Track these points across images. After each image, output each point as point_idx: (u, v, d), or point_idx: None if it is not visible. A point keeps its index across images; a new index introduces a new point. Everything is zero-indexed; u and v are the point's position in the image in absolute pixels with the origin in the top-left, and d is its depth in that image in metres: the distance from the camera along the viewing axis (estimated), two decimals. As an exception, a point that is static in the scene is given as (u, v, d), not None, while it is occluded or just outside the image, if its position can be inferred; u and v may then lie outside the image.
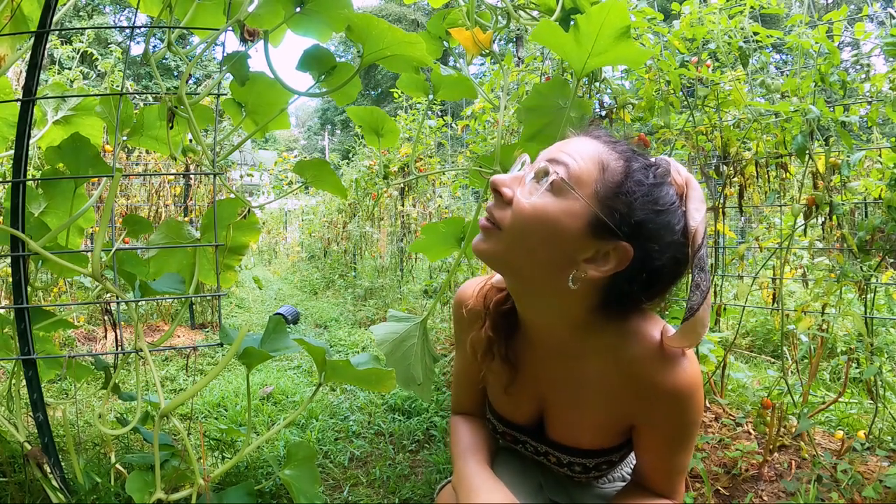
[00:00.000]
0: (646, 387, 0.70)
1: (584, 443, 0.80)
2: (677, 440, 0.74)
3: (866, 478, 1.45)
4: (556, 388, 0.80)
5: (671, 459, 0.75)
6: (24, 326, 1.20)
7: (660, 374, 0.70)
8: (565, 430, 0.81)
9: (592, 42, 0.98)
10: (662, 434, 0.74)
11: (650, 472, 0.78)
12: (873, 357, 1.51)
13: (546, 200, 0.65)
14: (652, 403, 0.71)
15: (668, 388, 0.69)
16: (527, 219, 0.66)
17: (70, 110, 1.47)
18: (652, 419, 0.73)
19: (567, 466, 0.82)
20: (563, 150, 0.68)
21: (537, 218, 0.65)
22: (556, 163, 0.67)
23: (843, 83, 1.53)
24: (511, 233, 0.67)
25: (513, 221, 0.67)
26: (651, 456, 0.77)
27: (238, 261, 1.43)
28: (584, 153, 0.67)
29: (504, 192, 0.68)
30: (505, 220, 0.67)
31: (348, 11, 1.13)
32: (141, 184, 3.87)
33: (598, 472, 0.82)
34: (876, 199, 1.73)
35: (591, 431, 0.79)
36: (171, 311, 3.61)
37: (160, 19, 1.23)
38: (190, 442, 1.13)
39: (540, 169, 0.67)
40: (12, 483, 1.29)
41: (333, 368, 1.20)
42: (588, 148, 0.68)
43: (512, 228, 0.67)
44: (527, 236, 0.66)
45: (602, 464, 0.81)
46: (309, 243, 7.85)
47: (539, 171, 0.67)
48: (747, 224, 3.59)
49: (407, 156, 3.95)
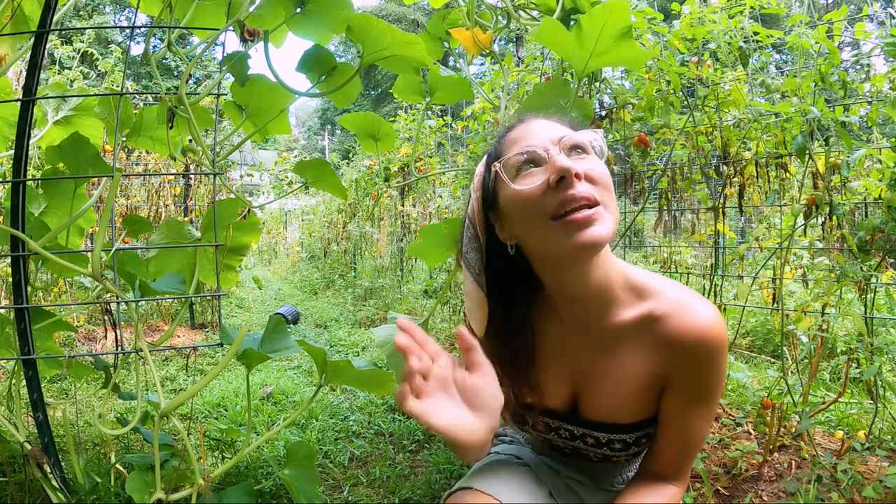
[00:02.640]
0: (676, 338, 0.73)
1: (622, 414, 0.80)
2: (698, 398, 0.75)
3: (866, 478, 1.45)
4: (592, 360, 0.80)
5: (688, 425, 0.76)
6: (24, 326, 1.20)
7: (689, 324, 0.73)
8: (603, 403, 0.80)
9: (594, 42, 0.98)
10: (685, 391, 0.75)
11: (664, 446, 0.78)
12: (873, 357, 1.51)
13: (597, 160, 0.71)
14: (681, 354, 0.73)
15: (696, 338, 0.72)
16: (609, 179, 0.71)
17: (70, 110, 1.47)
18: (679, 374, 0.75)
19: (606, 445, 0.82)
20: (548, 130, 0.73)
21: (608, 175, 0.71)
22: (568, 137, 0.71)
23: (844, 83, 1.53)
24: (609, 202, 0.69)
25: (606, 187, 0.69)
26: (670, 423, 0.77)
27: (238, 261, 1.43)
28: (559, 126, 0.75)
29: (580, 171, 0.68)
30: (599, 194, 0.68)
31: (348, 12, 1.13)
32: (141, 184, 3.87)
33: (638, 447, 0.82)
34: (876, 199, 1.73)
35: (628, 399, 0.79)
36: (171, 311, 3.61)
37: (160, 19, 1.23)
38: (190, 442, 1.13)
39: (565, 145, 0.71)
40: (12, 483, 1.29)
41: (334, 369, 1.20)
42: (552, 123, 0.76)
43: (609, 198, 0.69)
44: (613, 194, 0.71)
45: (642, 437, 0.81)
46: (309, 243, 7.85)
47: (564, 146, 0.71)
48: (747, 224, 3.59)
49: (407, 156, 3.95)
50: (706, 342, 0.72)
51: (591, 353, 0.80)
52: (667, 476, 0.79)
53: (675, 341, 0.73)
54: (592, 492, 0.91)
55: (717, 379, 0.75)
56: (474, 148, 2.53)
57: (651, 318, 0.75)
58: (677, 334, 0.73)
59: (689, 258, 2.73)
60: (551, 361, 0.83)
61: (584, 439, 0.83)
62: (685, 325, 0.73)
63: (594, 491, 0.91)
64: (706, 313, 0.73)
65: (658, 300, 0.76)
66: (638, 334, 0.76)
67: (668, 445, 0.78)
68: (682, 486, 0.79)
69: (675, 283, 0.79)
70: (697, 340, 0.72)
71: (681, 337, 0.73)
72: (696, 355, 0.73)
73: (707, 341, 0.72)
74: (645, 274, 0.80)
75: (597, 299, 0.77)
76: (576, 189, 0.66)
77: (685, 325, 0.73)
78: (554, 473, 0.92)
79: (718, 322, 0.73)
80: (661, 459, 0.79)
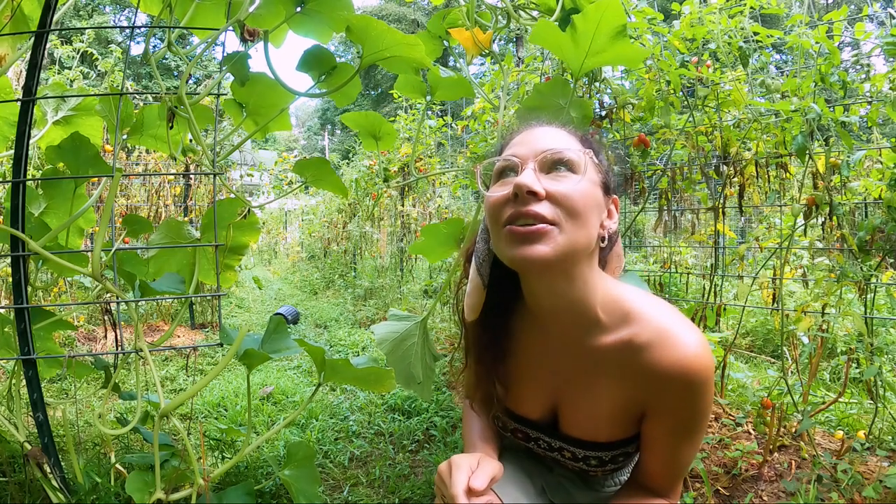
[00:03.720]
0: (657, 370, 0.70)
1: (599, 434, 0.79)
2: (684, 430, 0.73)
3: (866, 478, 1.45)
4: (571, 379, 0.80)
5: (675, 452, 0.75)
6: (24, 326, 1.20)
7: (672, 357, 0.70)
8: (580, 421, 0.81)
9: (589, 41, 0.98)
10: (669, 422, 0.74)
11: (651, 467, 0.78)
12: (873, 357, 1.51)
13: (578, 180, 0.70)
14: (662, 387, 0.71)
15: (679, 372, 0.69)
16: (579, 200, 0.69)
17: (70, 110, 1.47)
18: (661, 405, 0.73)
19: (583, 461, 0.82)
20: (541, 140, 0.74)
21: (585, 196, 0.70)
22: (552, 151, 0.72)
23: (843, 83, 1.53)
24: (571, 221, 0.68)
25: (569, 209, 0.68)
26: (655, 447, 0.77)
27: (238, 261, 1.43)
28: (557, 136, 0.75)
29: (537, 189, 0.68)
30: (554, 213, 0.68)
31: (348, 12, 1.13)
32: (141, 184, 3.87)
33: (615, 464, 0.82)
34: (876, 199, 1.73)
35: (605, 421, 0.78)
36: (171, 311, 3.61)
37: (160, 19, 1.23)
38: (190, 442, 1.13)
39: (546, 160, 0.72)
40: (12, 483, 1.29)
41: (333, 368, 1.20)
42: (553, 132, 0.76)
43: (573, 220, 0.69)
44: (585, 217, 0.70)
45: (618, 456, 0.81)
46: (309, 243, 7.85)
47: (545, 161, 0.72)
48: (747, 224, 3.59)
49: (407, 156, 3.95)
50: (689, 377, 0.69)
51: (570, 371, 0.80)
52: (657, 492, 0.78)
53: (657, 375, 0.70)
54: (584, 491, 0.92)
55: (702, 413, 0.72)
56: (474, 148, 2.53)
57: (632, 347, 0.72)
58: (659, 368, 0.70)
59: (689, 258, 2.74)
60: (533, 373, 0.84)
61: (562, 452, 0.84)
62: (667, 359, 0.69)
63: (585, 490, 0.92)
64: (690, 344, 0.70)
65: (640, 326, 0.73)
66: (618, 360, 0.74)
67: (654, 466, 0.78)
68: (673, 500, 0.78)
69: (661, 306, 0.75)
70: (680, 376, 0.69)
71: (662, 371, 0.70)
72: (679, 391, 0.70)
73: (690, 376, 0.69)
74: (631, 293, 0.77)
75: (575, 318, 0.76)
76: (528, 206, 0.68)
77: (667, 358, 0.69)
78: (547, 470, 0.93)
79: (703, 353, 0.70)
80: (648, 476, 0.79)
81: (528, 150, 0.73)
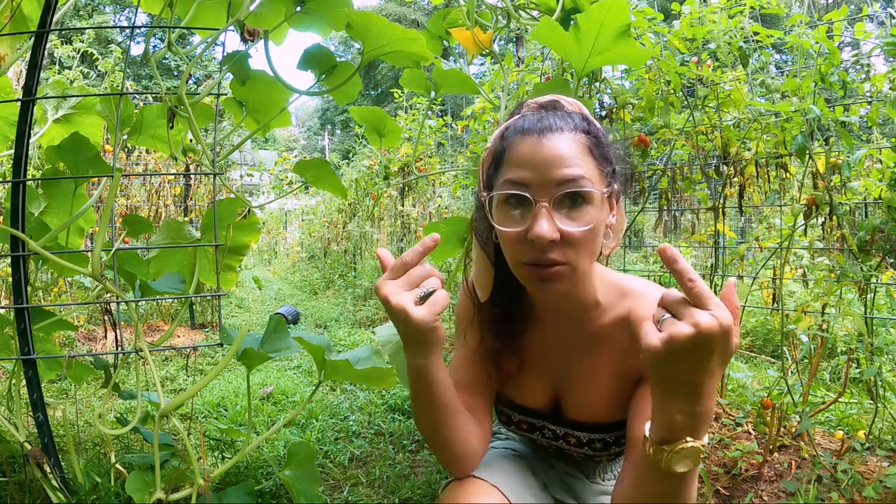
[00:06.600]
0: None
1: (602, 414, 0.82)
2: None
3: (866, 478, 1.45)
4: (572, 362, 0.83)
5: None
6: (24, 326, 1.20)
7: None
8: (583, 403, 0.83)
9: (593, 41, 0.98)
10: None
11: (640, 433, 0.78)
12: (873, 357, 1.51)
13: (591, 214, 0.68)
14: None
15: None
16: (590, 236, 0.69)
17: (70, 109, 1.47)
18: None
19: (588, 445, 0.84)
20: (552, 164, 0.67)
21: (597, 226, 0.70)
22: (566, 180, 0.67)
23: (843, 83, 1.53)
24: (583, 257, 0.70)
25: (583, 248, 0.69)
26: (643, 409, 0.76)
27: (238, 261, 1.43)
28: (570, 150, 0.68)
29: (555, 238, 0.67)
30: (570, 255, 0.69)
31: (348, 10, 1.13)
32: (141, 184, 3.87)
33: (619, 446, 0.84)
34: (876, 199, 1.72)
35: (606, 399, 0.81)
36: (171, 311, 3.61)
37: (160, 19, 1.23)
38: (190, 442, 1.13)
39: (560, 197, 0.68)
40: (12, 483, 1.29)
41: (333, 367, 1.20)
42: (564, 143, 0.69)
43: (584, 254, 0.70)
44: (596, 245, 0.71)
45: (621, 437, 0.83)
46: (309, 243, 7.85)
47: (560, 199, 0.68)
48: (747, 224, 3.59)
49: (407, 156, 3.95)
50: None
51: (570, 356, 0.83)
52: None
53: None
54: (585, 485, 0.93)
55: None
56: (474, 148, 2.53)
57: (629, 321, 0.77)
58: None
59: (689, 258, 2.73)
60: (534, 364, 0.86)
61: (567, 439, 0.86)
62: None
63: (586, 485, 0.93)
64: None
65: (637, 301, 0.77)
66: (616, 336, 0.78)
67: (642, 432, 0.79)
68: None
69: (656, 286, 0.80)
70: None
71: None
72: None
73: None
74: (627, 277, 0.83)
75: (577, 305, 0.80)
76: (546, 254, 0.68)
77: None
78: (548, 466, 0.95)
79: None
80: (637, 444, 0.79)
81: (540, 178, 0.67)
